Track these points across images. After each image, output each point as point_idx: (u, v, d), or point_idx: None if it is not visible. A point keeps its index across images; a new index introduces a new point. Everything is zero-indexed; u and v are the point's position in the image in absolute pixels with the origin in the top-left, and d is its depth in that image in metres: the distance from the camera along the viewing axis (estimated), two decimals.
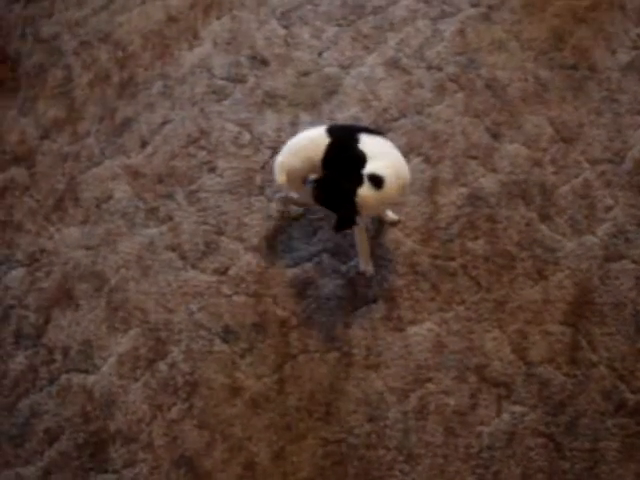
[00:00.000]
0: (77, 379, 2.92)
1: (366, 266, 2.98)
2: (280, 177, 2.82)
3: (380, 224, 3.07)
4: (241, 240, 3.10)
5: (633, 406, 2.65)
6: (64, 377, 2.93)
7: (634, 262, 2.91)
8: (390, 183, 2.68)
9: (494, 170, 3.16)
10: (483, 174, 3.16)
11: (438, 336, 2.83)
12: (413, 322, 2.87)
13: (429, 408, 2.71)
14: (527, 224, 3.02)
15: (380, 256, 3.01)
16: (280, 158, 2.84)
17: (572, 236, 2.99)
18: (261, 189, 3.21)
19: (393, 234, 3.05)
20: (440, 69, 3.47)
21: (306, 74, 3.53)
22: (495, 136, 3.24)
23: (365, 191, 2.65)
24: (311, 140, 2.81)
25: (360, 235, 2.91)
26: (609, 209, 3.04)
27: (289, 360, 2.84)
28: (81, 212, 3.27)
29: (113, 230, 3.20)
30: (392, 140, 2.88)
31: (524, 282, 2.90)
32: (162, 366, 2.89)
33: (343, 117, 3.36)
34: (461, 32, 3.58)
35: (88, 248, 3.17)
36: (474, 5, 3.68)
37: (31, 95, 3.62)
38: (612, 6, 3.64)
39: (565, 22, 3.60)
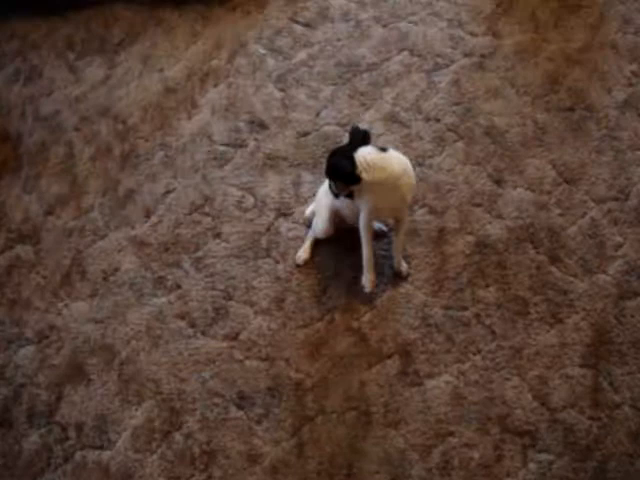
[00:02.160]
0: (92, 456, 2.86)
1: (367, 282, 2.98)
2: None
3: (391, 277, 3.05)
4: (250, 304, 3.07)
5: None
6: (79, 454, 2.87)
7: None
8: (396, 157, 2.79)
9: (500, 216, 3.15)
10: (489, 221, 3.14)
11: (456, 388, 2.78)
12: (430, 375, 2.82)
13: (453, 463, 2.65)
14: (537, 268, 2.99)
15: (392, 310, 2.98)
16: None
17: (584, 276, 2.96)
18: (267, 251, 3.20)
19: (403, 287, 3.03)
20: (438, 120, 3.49)
21: (305, 134, 3.55)
22: (498, 182, 3.24)
23: (368, 149, 2.72)
24: None
25: (367, 247, 2.92)
26: (619, 247, 3.02)
27: (306, 423, 2.78)
28: (88, 286, 3.26)
29: (121, 302, 3.18)
30: None
31: (539, 327, 2.86)
32: (178, 437, 2.83)
33: None
34: (456, 82, 3.62)
35: (97, 322, 3.15)
36: (467, 55, 3.72)
37: (34, 173, 3.64)
38: (604, 46, 3.68)
39: (559, 65, 3.64)
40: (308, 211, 3.23)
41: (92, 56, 4.14)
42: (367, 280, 2.99)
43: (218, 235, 3.29)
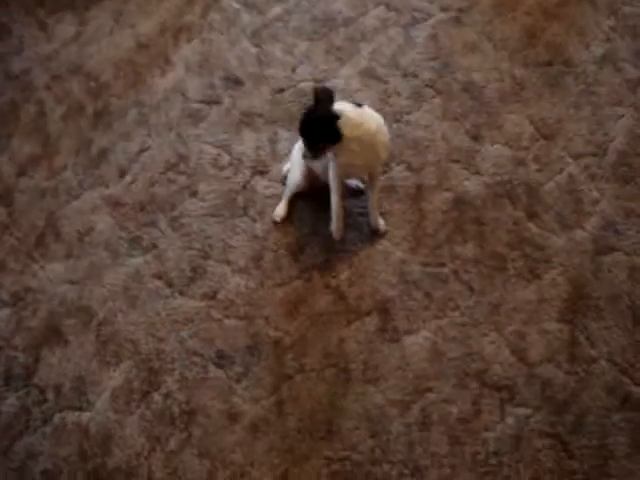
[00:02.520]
0: (71, 417, 2.85)
1: (335, 230, 2.99)
2: None
3: (369, 234, 3.04)
4: (228, 263, 3.05)
5: (638, 399, 2.61)
6: (58, 416, 2.86)
7: (626, 254, 2.89)
8: (370, 113, 2.76)
9: (478, 172, 3.14)
10: (467, 177, 3.13)
11: (435, 344, 2.78)
12: (409, 332, 2.82)
13: (432, 418, 2.66)
14: (515, 224, 2.99)
15: (370, 267, 2.97)
16: None
17: (561, 232, 2.96)
18: (244, 209, 3.17)
19: (381, 245, 3.02)
20: (415, 76, 3.46)
21: (281, 91, 3.51)
22: (476, 138, 3.22)
23: (346, 105, 2.70)
24: None
25: (335, 195, 2.90)
26: (596, 202, 3.02)
27: (286, 381, 2.78)
28: (63, 247, 3.22)
29: (97, 262, 3.15)
30: None
31: (517, 282, 2.87)
32: (157, 397, 2.82)
33: None
34: (433, 37, 3.58)
35: (73, 283, 3.12)
36: (444, 9, 3.67)
37: (5, 133, 3.58)
38: (582, 0, 3.65)
39: (536, 19, 3.61)
40: (285, 168, 3.20)
41: (62, 12, 4.06)
42: (336, 228, 2.99)
43: (194, 194, 3.25)
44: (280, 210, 3.13)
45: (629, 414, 2.59)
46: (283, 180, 3.19)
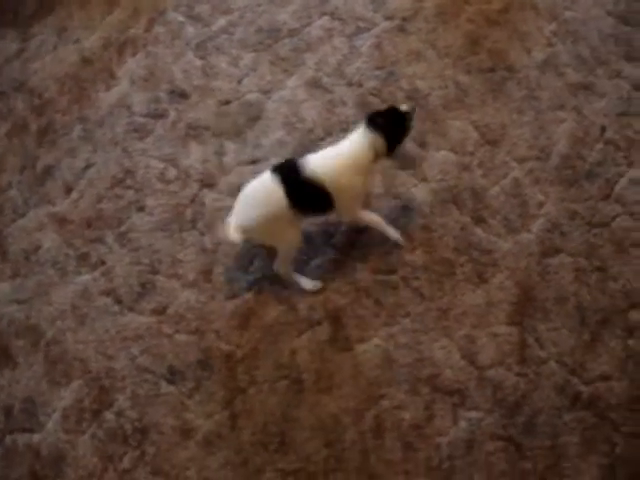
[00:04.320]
0: (22, 439, 2.81)
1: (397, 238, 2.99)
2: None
3: (320, 244, 3.04)
4: (177, 277, 3.03)
5: (587, 398, 2.65)
6: (9, 438, 2.81)
7: (571, 255, 2.93)
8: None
9: (424, 179, 3.16)
10: (414, 184, 3.15)
11: (386, 351, 2.79)
12: (360, 340, 2.83)
13: (385, 425, 2.67)
14: (462, 229, 3.02)
15: (321, 277, 2.97)
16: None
17: (507, 236, 2.99)
18: (192, 223, 3.16)
19: (332, 254, 3.02)
20: (361, 85, 3.47)
21: (227, 103, 3.50)
22: (422, 145, 3.24)
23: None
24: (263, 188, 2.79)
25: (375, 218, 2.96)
26: (541, 205, 3.06)
27: (238, 394, 2.77)
28: (10, 266, 3.17)
29: (44, 281, 3.10)
30: None
31: (466, 287, 2.89)
32: (109, 415, 2.79)
33: (269, 142, 3.33)
34: (378, 46, 3.60)
35: (20, 302, 3.07)
36: (388, 18, 3.70)
37: None
38: (524, 6, 3.70)
39: (479, 26, 3.65)
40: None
41: (4, 29, 4.01)
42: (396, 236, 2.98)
43: (142, 208, 3.23)
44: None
45: (579, 413, 2.63)
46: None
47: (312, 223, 3.04)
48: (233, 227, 2.79)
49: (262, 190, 2.78)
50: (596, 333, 2.77)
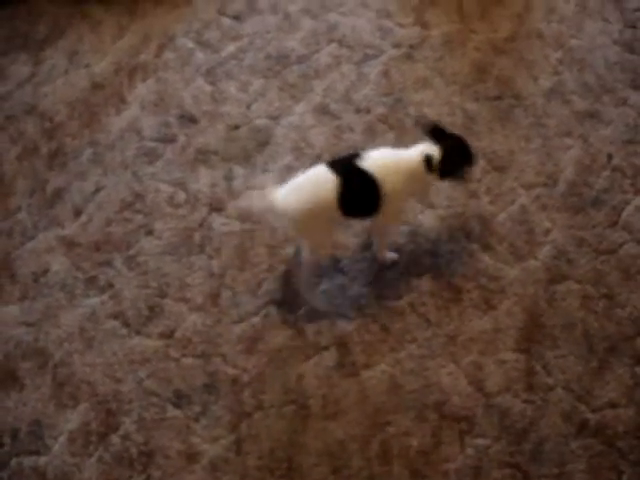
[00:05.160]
0: (28, 462, 2.80)
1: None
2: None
3: (325, 270, 3.05)
4: (185, 301, 3.04)
5: (594, 425, 2.64)
6: (15, 461, 2.80)
7: (578, 282, 2.94)
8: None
9: (432, 206, 3.18)
10: (421, 210, 3.17)
11: (393, 377, 2.79)
12: (367, 366, 2.83)
13: (392, 452, 2.66)
14: (469, 255, 3.03)
15: (327, 302, 2.97)
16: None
17: (515, 263, 3.00)
18: (201, 247, 3.17)
19: (338, 279, 3.03)
20: (368, 111, 3.50)
21: (236, 128, 3.52)
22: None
23: None
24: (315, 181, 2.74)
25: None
26: (548, 232, 3.07)
27: (245, 419, 2.76)
28: (19, 288, 3.18)
29: (53, 304, 3.11)
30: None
31: (473, 313, 2.90)
32: (115, 439, 2.78)
33: (277, 167, 3.35)
34: (386, 73, 3.63)
35: (29, 325, 3.07)
36: (396, 46, 3.74)
37: None
38: (530, 35, 3.74)
39: (486, 55, 3.68)
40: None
41: (16, 53, 4.04)
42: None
43: (150, 232, 3.24)
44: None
45: (586, 441, 2.62)
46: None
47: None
48: (274, 203, 2.73)
49: (315, 180, 2.73)
50: (604, 360, 2.78)
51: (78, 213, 3.35)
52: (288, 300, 3.00)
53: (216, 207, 3.28)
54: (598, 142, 3.32)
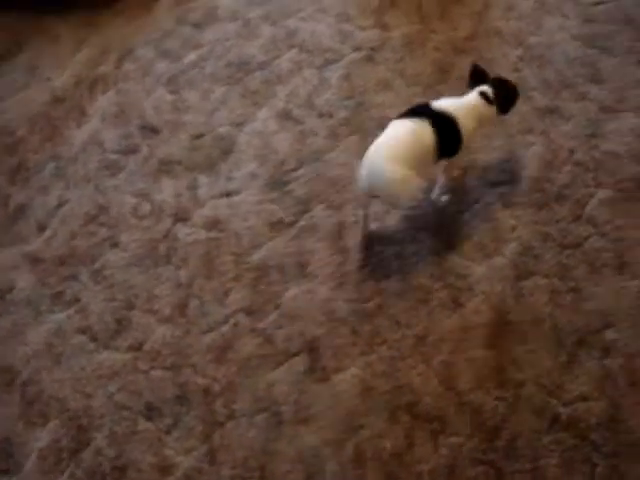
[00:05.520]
0: None
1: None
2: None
3: (293, 275, 3.04)
4: (153, 312, 3.01)
5: (566, 420, 2.65)
6: None
7: (545, 277, 2.95)
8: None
9: (397, 207, 3.18)
10: (387, 212, 3.17)
11: (364, 380, 2.79)
12: (338, 370, 2.82)
13: (366, 455, 2.65)
14: (436, 255, 3.03)
15: (296, 308, 2.97)
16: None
17: (482, 260, 3.01)
18: (167, 258, 3.15)
19: (307, 284, 3.02)
20: (331, 115, 3.50)
21: (199, 136, 3.51)
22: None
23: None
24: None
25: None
26: (513, 229, 3.08)
27: (217, 429, 2.74)
28: None
29: (19, 321, 3.07)
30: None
31: (441, 312, 2.90)
32: (87, 454, 2.75)
33: (242, 174, 3.34)
34: (347, 77, 3.64)
35: None
36: (356, 49, 3.75)
37: None
38: (489, 33, 3.77)
39: (446, 54, 3.70)
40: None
41: None
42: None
43: (116, 245, 3.21)
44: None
45: (558, 435, 2.63)
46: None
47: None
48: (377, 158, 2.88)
49: (412, 128, 2.89)
50: (573, 354, 2.79)
51: (42, 228, 3.31)
52: (256, 308, 2.98)
53: (181, 217, 3.26)
54: (560, 137, 3.34)
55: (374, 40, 3.79)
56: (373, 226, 3.14)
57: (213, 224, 3.19)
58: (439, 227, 3.11)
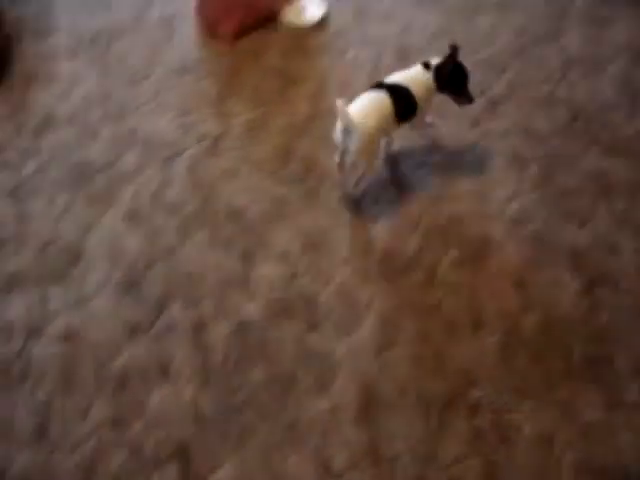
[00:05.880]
0: None
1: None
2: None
3: (156, 375, 2.97)
4: (10, 440, 2.85)
5: None
6: None
7: (406, 345, 3.00)
8: None
9: (254, 294, 3.18)
10: (245, 301, 3.16)
11: (240, 477, 2.72)
12: (212, 470, 2.74)
13: None
14: (298, 338, 3.04)
15: (163, 412, 2.88)
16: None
17: (343, 337, 3.04)
18: (22, 378, 3.00)
19: (172, 386, 2.95)
20: (179, 210, 3.49)
21: (46, 246, 3.41)
22: (248, 261, 3.28)
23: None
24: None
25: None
26: (370, 302, 3.14)
27: None
28: None
29: None
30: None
31: (309, 396, 2.89)
32: None
33: (94, 279, 3.26)
34: (192, 169, 3.65)
35: None
36: (199, 141, 3.78)
37: None
38: (327, 112, 3.88)
39: (288, 137, 3.79)
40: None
41: None
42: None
43: None
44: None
45: None
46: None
47: None
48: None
49: (374, 96, 3.34)
50: (442, 418, 2.83)
51: None
52: (120, 418, 2.88)
53: (34, 333, 3.13)
54: (407, 205, 3.46)
55: (216, 130, 3.84)
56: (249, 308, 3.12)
57: (68, 336, 3.08)
58: (298, 310, 3.12)
